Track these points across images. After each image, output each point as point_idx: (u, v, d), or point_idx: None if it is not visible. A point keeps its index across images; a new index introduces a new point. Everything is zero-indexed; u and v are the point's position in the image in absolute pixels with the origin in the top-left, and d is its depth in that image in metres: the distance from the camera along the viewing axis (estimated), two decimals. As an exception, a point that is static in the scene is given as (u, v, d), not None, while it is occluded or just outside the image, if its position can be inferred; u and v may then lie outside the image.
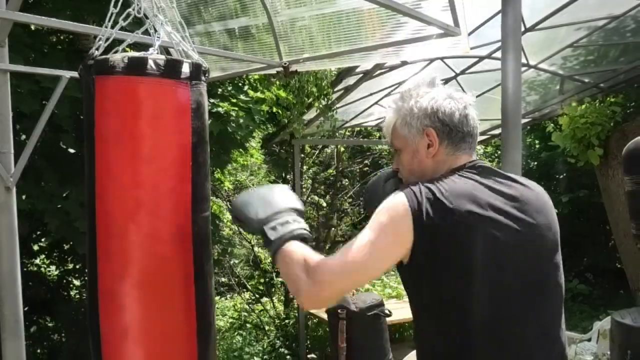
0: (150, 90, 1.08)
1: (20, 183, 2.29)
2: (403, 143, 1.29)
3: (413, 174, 1.28)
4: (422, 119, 1.26)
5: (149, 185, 1.09)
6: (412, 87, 1.32)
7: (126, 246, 1.08)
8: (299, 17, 2.58)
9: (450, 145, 1.27)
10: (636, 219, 3.70)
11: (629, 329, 3.61)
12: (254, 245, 7.39)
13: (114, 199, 1.09)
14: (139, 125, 1.08)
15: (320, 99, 4.73)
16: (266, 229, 1.19)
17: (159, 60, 1.09)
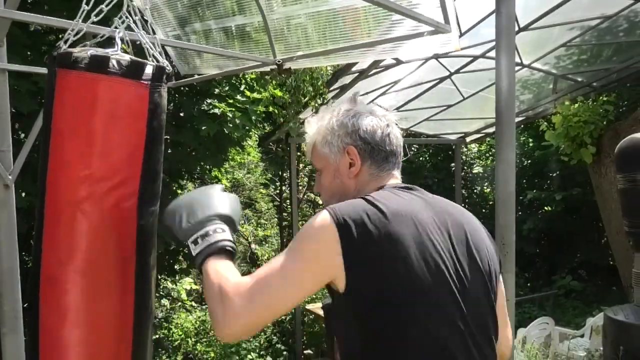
0: (109, 89, 1.11)
1: (19, 180, 2.30)
2: (324, 162, 1.21)
3: (334, 195, 1.19)
4: (343, 137, 1.18)
5: (98, 178, 1.12)
6: (333, 105, 1.26)
7: (71, 234, 1.12)
8: (294, 15, 2.60)
9: (374, 165, 1.19)
10: (628, 217, 3.75)
11: (622, 325, 3.66)
12: (250, 242, 7.42)
13: (64, 188, 1.12)
14: (94, 122, 1.11)
15: (316, 98, 4.75)
16: (189, 243, 1.11)
17: (122, 60, 1.12)
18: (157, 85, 1.16)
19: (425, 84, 5.09)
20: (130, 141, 1.15)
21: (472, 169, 10.67)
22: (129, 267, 1.17)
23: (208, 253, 1.09)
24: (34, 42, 3.15)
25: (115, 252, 1.15)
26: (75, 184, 1.12)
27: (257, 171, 7.76)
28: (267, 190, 8.04)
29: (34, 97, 3.08)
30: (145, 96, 1.14)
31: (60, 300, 1.12)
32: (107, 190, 1.13)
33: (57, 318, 1.12)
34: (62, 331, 1.12)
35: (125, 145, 1.14)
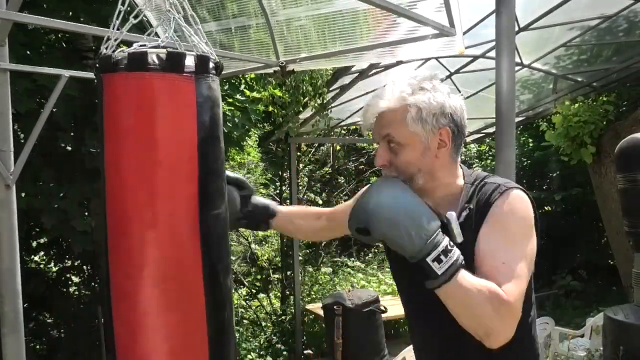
0: (151, 85, 1.06)
1: (20, 181, 2.30)
2: (411, 138, 1.17)
3: (419, 172, 1.19)
4: (439, 117, 1.17)
5: (152, 183, 1.07)
6: (421, 79, 1.20)
7: (131, 245, 1.08)
8: (296, 17, 2.61)
9: (455, 149, 1.22)
10: (628, 216, 3.75)
11: (622, 325, 3.66)
12: (250, 242, 7.42)
13: (120, 197, 1.08)
14: (140, 121, 1.06)
15: (316, 98, 4.75)
16: (430, 261, 1.04)
17: (160, 54, 1.07)
18: (204, 76, 1.10)
19: (425, 84, 5.09)
20: (180, 138, 1.08)
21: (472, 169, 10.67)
22: (196, 277, 1.09)
23: (456, 270, 1.05)
24: (34, 41, 3.15)
25: (177, 263, 1.08)
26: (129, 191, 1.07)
27: (257, 171, 7.75)
28: (267, 190, 8.04)
29: (32, 96, 3.09)
30: (190, 88, 1.08)
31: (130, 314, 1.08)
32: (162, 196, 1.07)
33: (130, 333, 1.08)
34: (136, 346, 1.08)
35: (175, 143, 1.07)
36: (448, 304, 1.07)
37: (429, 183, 1.21)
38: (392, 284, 6.93)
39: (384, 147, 1.20)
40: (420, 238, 1.04)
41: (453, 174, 1.24)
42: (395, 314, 5.35)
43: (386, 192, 1.09)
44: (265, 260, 7.57)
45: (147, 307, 1.07)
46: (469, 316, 1.06)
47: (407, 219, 1.05)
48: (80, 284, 4.83)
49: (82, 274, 4.72)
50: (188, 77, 1.08)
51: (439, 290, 1.06)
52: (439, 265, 1.04)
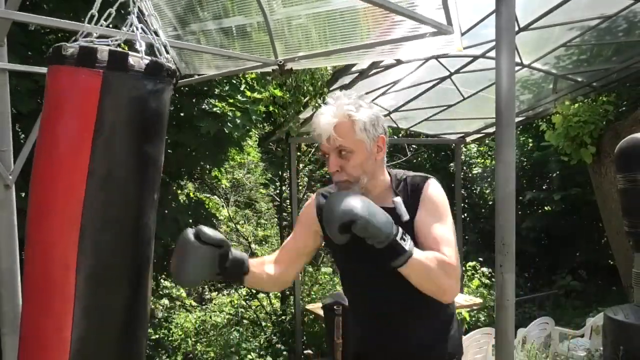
0: (60, 78, 1.10)
1: (20, 181, 2.30)
2: (358, 146, 1.44)
3: (365, 173, 1.47)
4: (377, 127, 1.47)
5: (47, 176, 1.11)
6: (357, 97, 1.49)
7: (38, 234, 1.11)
8: (295, 16, 2.60)
9: (385, 152, 1.54)
10: (628, 216, 3.75)
11: (622, 325, 3.67)
12: (250, 242, 7.42)
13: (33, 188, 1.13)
14: (48, 112, 1.12)
15: (316, 98, 4.75)
16: (398, 239, 1.31)
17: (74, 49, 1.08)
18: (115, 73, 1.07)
19: (425, 84, 5.09)
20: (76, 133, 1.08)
21: (471, 169, 10.67)
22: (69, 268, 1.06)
23: (413, 246, 1.34)
24: (34, 41, 3.15)
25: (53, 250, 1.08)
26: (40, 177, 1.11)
27: (257, 171, 7.76)
28: (267, 190, 8.04)
29: (33, 97, 3.09)
30: (96, 84, 1.06)
31: None
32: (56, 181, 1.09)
33: None
34: None
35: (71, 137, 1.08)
36: (411, 275, 1.35)
37: (371, 182, 1.51)
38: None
39: (335, 155, 1.46)
40: (390, 223, 1.31)
41: (384, 172, 1.56)
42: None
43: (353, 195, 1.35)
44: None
45: None
46: (429, 281, 1.37)
47: (378, 211, 1.31)
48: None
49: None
50: (96, 72, 1.06)
51: (406, 265, 1.32)
52: (404, 242, 1.32)
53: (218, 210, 7.11)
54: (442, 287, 1.38)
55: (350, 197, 1.33)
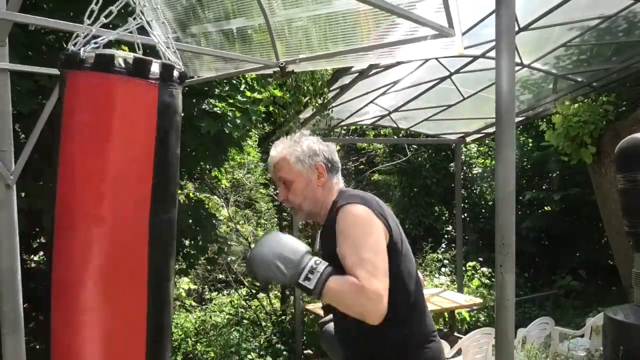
0: (116, 88, 1.09)
1: (20, 181, 2.30)
2: (296, 176, 1.67)
3: (307, 198, 1.68)
4: (313, 157, 1.68)
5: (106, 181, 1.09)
6: (293, 139, 1.72)
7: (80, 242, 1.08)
8: (296, 18, 2.61)
9: (332, 176, 1.72)
10: (628, 216, 3.75)
11: (622, 325, 3.67)
12: (250, 242, 7.42)
13: (74, 193, 1.09)
14: (101, 122, 1.09)
15: (316, 98, 4.76)
16: (301, 282, 1.43)
17: (128, 58, 1.10)
18: (167, 83, 1.14)
19: (425, 84, 5.09)
20: (138, 141, 1.11)
21: (471, 169, 10.67)
22: (140, 275, 1.12)
23: (324, 280, 1.43)
24: (34, 41, 3.15)
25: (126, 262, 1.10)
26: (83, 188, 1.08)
27: (257, 171, 7.76)
28: (267, 190, 8.04)
29: (34, 97, 3.09)
30: (153, 95, 1.12)
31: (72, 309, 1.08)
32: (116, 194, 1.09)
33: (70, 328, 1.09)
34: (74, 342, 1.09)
35: (132, 146, 1.10)
36: (330, 303, 1.48)
37: (315, 206, 1.69)
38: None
39: (282, 187, 1.71)
40: (288, 269, 1.43)
41: (331, 196, 1.70)
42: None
43: (259, 244, 1.48)
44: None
45: (86, 301, 1.08)
46: (346, 307, 1.45)
47: (273, 258, 1.43)
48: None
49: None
50: (152, 84, 1.12)
51: (321, 296, 1.44)
52: (309, 282, 1.42)
53: (218, 210, 7.12)
54: (361, 311, 1.42)
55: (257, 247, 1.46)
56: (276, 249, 1.44)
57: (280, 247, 1.45)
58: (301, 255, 1.45)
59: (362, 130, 8.13)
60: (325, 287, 1.42)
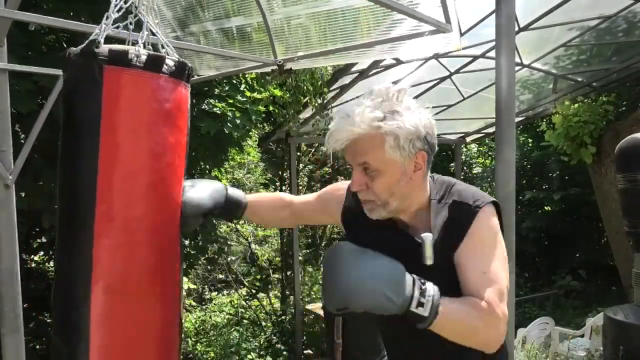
0: (162, 89, 1.10)
1: (19, 181, 2.30)
2: (388, 165, 1.17)
3: (394, 195, 1.20)
4: (415, 142, 1.17)
5: (151, 183, 1.10)
6: (391, 100, 1.18)
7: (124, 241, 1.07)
8: (294, 16, 2.60)
9: (428, 168, 1.25)
10: (628, 216, 3.75)
11: (622, 325, 3.67)
12: (250, 242, 7.42)
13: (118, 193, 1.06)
14: (151, 122, 1.09)
15: (316, 98, 4.75)
16: (413, 310, 1.07)
17: (169, 60, 1.12)
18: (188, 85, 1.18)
19: (425, 84, 5.09)
20: (179, 141, 1.15)
21: (471, 169, 10.67)
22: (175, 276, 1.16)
23: (437, 305, 1.08)
24: (34, 42, 3.15)
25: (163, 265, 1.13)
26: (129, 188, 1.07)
27: (257, 171, 7.76)
28: (267, 190, 8.04)
29: (33, 97, 3.08)
30: (186, 95, 1.16)
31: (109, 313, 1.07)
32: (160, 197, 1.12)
33: None
34: None
35: (175, 146, 1.14)
36: (443, 334, 1.11)
37: (403, 204, 1.23)
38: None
39: (360, 172, 1.20)
40: (398, 295, 1.05)
41: (424, 190, 1.26)
42: (395, 314, 5.35)
43: (350, 267, 1.08)
44: (265, 260, 7.57)
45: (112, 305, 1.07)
46: (465, 338, 1.13)
47: (380, 285, 1.05)
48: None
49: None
50: (186, 85, 1.16)
51: (432, 325, 1.08)
52: (423, 308, 1.07)
53: (218, 210, 7.09)
54: (483, 340, 1.13)
55: (349, 270, 1.07)
56: (380, 273, 1.07)
57: (383, 269, 1.08)
58: (405, 274, 1.09)
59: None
60: (439, 314, 1.08)
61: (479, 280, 1.14)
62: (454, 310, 1.09)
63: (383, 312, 1.06)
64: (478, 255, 1.18)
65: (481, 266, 1.16)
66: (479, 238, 1.19)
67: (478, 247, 1.18)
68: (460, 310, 1.10)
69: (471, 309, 1.11)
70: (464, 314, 1.10)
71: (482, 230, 1.20)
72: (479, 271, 1.16)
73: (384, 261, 1.10)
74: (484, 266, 1.16)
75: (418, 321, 1.08)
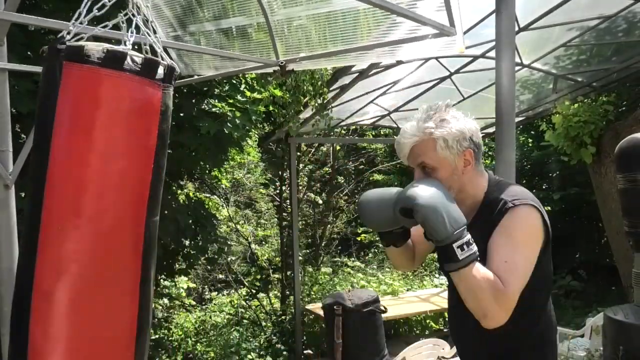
0: (122, 87, 1.06)
1: (19, 181, 2.30)
2: (441, 162, 1.45)
3: (451, 188, 1.44)
4: (462, 142, 1.45)
5: (107, 182, 1.06)
6: (439, 110, 1.47)
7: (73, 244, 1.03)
8: (295, 17, 2.60)
9: (477, 163, 1.50)
10: (628, 217, 3.74)
11: (622, 325, 3.66)
12: (250, 242, 7.42)
13: (66, 191, 1.04)
14: (106, 120, 1.05)
15: (316, 98, 4.75)
16: (455, 247, 1.30)
17: (136, 57, 1.07)
18: (168, 85, 1.12)
19: (425, 84, 5.09)
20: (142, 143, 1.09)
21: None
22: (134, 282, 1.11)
23: (473, 260, 1.30)
24: (33, 41, 3.15)
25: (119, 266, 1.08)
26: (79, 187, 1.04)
27: (257, 171, 7.76)
28: (267, 190, 8.04)
29: (33, 97, 3.08)
30: (157, 96, 1.09)
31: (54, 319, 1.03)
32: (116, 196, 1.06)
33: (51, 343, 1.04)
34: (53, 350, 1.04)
35: (136, 147, 1.08)
36: (459, 286, 1.34)
37: (459, 195, 1.46)
38: (391, 284, 6.92)
39: (419, 171, 1.49)
40: (451, 226, 1.29)
41: (478, 185, 1.52)
42: (395, 314, 5.35)
43: (430, 185, 1.36)
44: (265, 260, 7.57)
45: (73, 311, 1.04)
46: (473, 298, 1.32)
47: (444, 208, 1.31)
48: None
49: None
50: (157, 85, 1.10)
51: (455, 273, 1.31)
52: (461, 252, 1.29)
53: (218, 210, 7.11)
54: (484, 309, 1.32)
55: (426, 185, 1.36)
56: (447, 202, 1.33)
57: (451, 204, 1.33)
58: (464, 224, 1.32)
59: (362, 130, 8.13)
60: (468, 266, 1.29)
61: (500, 267, 1.33)
62: (480, 272, 1.30)
63: (432, 231, 1.30)
64: (502, 245, 1.36)
65: (504, 255, 1.34)
66: (507, 231, 1.37)
67: (505, 238, 1.37)
68: (484, 276, 1.30)
69: (492, 280, 1.30)
70: (485, 281, 1.30)
71: (512, 224, 1.38)
72: (502, 260, 1.33)
73: (452, 201, 1.35)
74: (506, 256, 1.34)
75: (451, 260, 1.31)
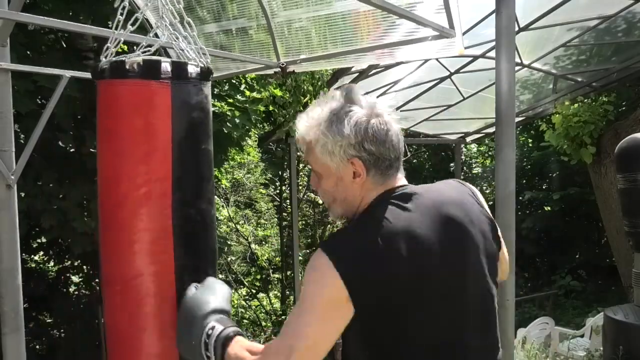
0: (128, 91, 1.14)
1: (20, 181, 2.30)
2: (324, 169, 1.13)
3: (336, 201, 1.16)
4: (346, 148, 1.08)
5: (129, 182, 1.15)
6: (330, 106, 1.12)
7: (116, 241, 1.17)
8: (296, 19, 2.61)
9: (378, 173, 1.11)
10: (628, 217, 3.76)
11: (621, 325, 3.68)
12: (250, 242, 7.43)
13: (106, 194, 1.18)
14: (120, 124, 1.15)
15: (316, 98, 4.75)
16: (203, 352, 1.10)
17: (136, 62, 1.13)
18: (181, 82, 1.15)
19: (425, 84, 5.09)
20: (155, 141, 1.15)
21: (471, 169, 10.68)
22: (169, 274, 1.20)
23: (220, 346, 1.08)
24: (34, 41, 3.15)
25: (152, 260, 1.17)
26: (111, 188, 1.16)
27: (257, 171, 7.77)
28: (267, 190, 8.05)
29: (33, 97, 3.09)
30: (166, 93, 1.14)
31: None
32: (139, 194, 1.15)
33: None
34: None
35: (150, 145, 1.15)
36: None
37: (348, 211, 1.17)
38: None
39: (313, 172, 1.21)
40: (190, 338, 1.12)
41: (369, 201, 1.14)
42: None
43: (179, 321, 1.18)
44: (265, 260, 7.58)
45: None
46: None
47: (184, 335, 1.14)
48: (80, 284, 4.83)
49: (82, 274, 4.72)
50: (164, 83, 1.13)
51: None
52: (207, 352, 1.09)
53: (218, 210, 7.12)
54: None
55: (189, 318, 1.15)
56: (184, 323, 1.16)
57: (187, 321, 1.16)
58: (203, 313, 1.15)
59: (362, 130, 8.13)
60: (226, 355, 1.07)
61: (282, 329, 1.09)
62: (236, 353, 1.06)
63: None
64: None
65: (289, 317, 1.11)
66: None
67: None
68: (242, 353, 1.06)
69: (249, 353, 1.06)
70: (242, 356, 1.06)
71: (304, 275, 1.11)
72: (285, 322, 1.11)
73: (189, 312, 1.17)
74: (290, 317, 1.11)
75: None
